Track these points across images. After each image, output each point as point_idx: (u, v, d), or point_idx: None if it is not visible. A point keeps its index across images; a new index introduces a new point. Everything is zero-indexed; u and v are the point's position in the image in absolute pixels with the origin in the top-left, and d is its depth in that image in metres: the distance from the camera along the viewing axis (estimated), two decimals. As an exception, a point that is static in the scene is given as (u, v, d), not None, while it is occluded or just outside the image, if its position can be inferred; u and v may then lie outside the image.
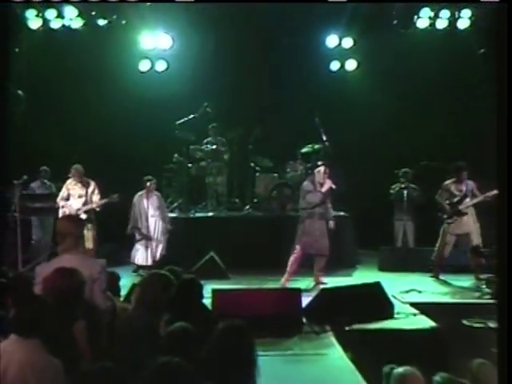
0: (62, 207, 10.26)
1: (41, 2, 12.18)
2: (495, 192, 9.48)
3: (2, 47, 12.31)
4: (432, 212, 10.45)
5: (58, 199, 10.34)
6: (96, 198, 10.25)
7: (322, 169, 9.94)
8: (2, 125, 12.18)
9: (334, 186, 9.86)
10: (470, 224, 10.13)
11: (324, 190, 9.77)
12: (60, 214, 10.14)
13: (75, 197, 10.27)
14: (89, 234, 9.82)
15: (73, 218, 7.22)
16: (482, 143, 12.27)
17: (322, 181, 9.82)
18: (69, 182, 10.37)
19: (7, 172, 10.61)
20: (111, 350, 4.56)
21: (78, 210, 10.11)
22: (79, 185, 10.28)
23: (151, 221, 10.58)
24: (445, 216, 10.16)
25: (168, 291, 4.93)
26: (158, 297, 4.84)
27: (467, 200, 10.11)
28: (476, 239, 9.98)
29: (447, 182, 10.28)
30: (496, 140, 2.68)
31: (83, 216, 9.80)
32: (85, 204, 10.18)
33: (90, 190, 10.24)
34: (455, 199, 10.12)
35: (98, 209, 10.29)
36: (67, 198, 10.29)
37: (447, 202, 10.17)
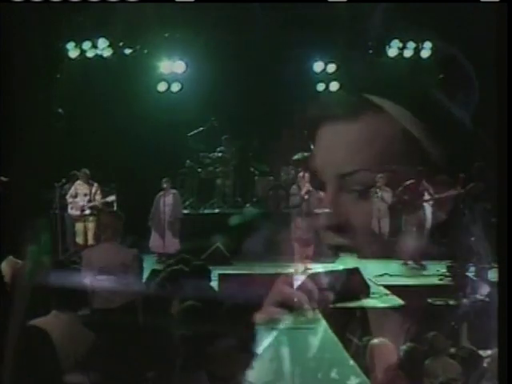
0: (70, 203, 10.09)
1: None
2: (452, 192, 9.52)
3: (46, 74, 12.37)
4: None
5: (67, 196, 10.15)
6: (98, 197, 10.08)
7: (302, 174, 9.95)
8: (46, 138, 12.20)
9: (311, 189, 9.85)
10: (422, 218, 10.10)
11: (303, 192, 9.76)
12: (68, 210, 10.02)
13: (81, 195, 10.07)
14: (90, 225, 9.67)
15: (113, 214, 7.03)
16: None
17: (303, 184, 9.82)
18: (77, 182, 10.23)
19: (50, 177, 10.63)
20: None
21: (83, 206, 9.96)
22: (85, 185, 10.12)
23: (161, 216, 10.47)
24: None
25: (181, 278, 4.93)
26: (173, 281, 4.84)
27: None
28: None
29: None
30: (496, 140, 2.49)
31: (87, 211, 9.65)
32: (89, 201, 10.00)
33: (94, 190, 10.08)
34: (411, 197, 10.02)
35: (100, 205, 10.08)
36: (75, 196, 10.11)
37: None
